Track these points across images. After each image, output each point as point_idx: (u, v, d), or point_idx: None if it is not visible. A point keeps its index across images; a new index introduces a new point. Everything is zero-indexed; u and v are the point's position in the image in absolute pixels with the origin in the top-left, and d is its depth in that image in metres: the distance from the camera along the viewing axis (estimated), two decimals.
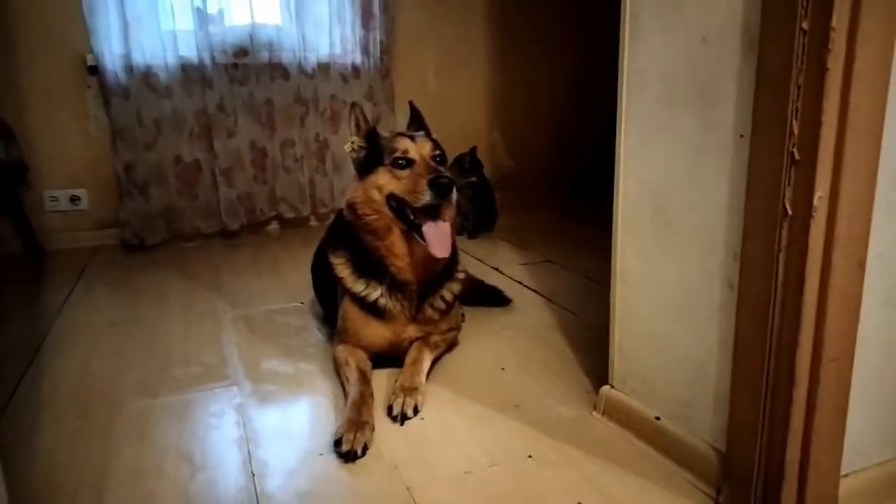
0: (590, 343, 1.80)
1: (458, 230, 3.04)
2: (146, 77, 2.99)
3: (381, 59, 3.43)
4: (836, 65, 0.94)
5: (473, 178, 3.00)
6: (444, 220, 1.51)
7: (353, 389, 1.47)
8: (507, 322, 2.05)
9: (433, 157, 1.56)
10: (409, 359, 1.59)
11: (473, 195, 3.04)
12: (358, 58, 3.39)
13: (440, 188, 1.45)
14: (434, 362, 1.67)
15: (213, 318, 2.13)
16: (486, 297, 2.17)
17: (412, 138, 1.60)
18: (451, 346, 1.79)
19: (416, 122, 1.75)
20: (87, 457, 1.35)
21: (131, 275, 2.69)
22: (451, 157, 2.97)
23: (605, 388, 1.45)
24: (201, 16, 3.05)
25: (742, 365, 1.11)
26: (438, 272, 1.64)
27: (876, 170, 1.00)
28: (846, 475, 1.10)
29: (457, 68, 3.73)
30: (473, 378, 1.66)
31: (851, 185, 0.98)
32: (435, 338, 1.68)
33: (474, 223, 3.08)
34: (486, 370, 1.71)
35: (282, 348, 1.87)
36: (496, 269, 2.61)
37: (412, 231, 1.53)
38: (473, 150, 3.12)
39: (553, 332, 1.95)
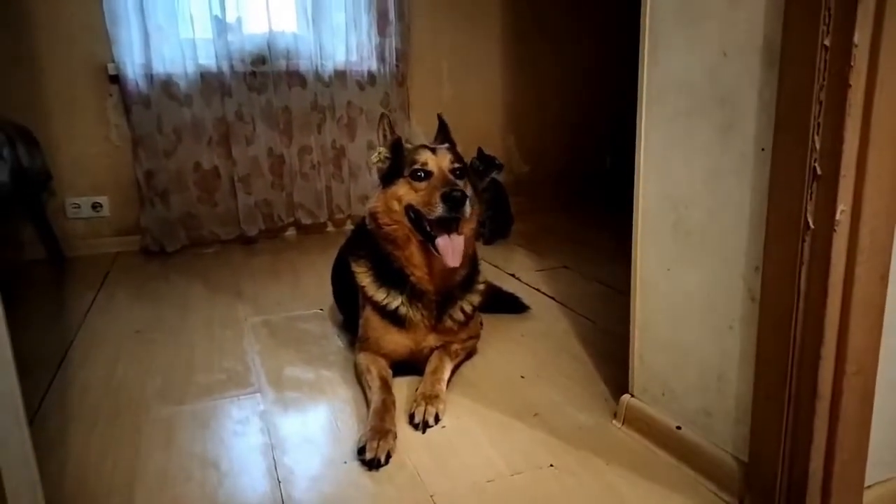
0: (608, 351, 1.81)
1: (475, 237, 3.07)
2: (166, 85, 3.04)
3: (397, 66, 3.46)
4: (858, 81, 0.95)
5: (494, 176, 3.01)
6: (461, 233, 1.53)
7: (376, 397, 1.49)
8: (526, 329, 2.06)
9: (452, 171, 1.58)
10: (429, 367, 1.61)
11: (490, 200, 3.05)
12: (374, 65, 3.42)
13: (452, 201, 1.47)
14: (454, 370, 1.69)
15: (235, 324, 2.16)
16: (505, 304, 2.18)
17: (433, 150, 1.62)
18: (471, 354, 1.80)
19: (443, 134, 1.77)
20: (116, 462, 1.38)
21: (152, 281, 2.73)
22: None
23: (626, 396, 1.47)
24: (220, 24, 3.09)
25: (764, 376, 1.12)
26: (458, 283, 1.66)
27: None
28: (869, 486, 1.11)
29: (471, 74, 3.75)
30: (493, 386, 1.68)
31: (874, 198, 0.99)
32: (455, 346, 1.69)
33: (490, 229, 3.09)
34: (506, 378, 1.73)
35: (303, 355, 1.89)
36: (513, 276, 2.62)
37: (428, 242, 1.55)
38: (479, 151, 3.12)
39: (571, 340, 1.97)
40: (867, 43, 0.94)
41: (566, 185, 4.04)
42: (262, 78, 3.20)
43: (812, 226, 1.01)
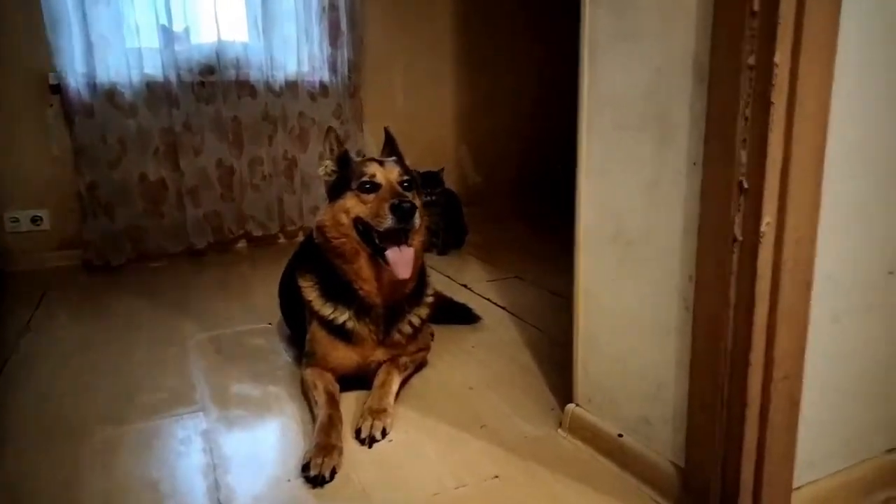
0: (557, 360, 1.83)
1: (427, 247, 3.07)
2: (110, 95, 2.96)
3: (350, 78, 3.45)
4: (779, 98, 0.99)
5: (432, 197, 3.01)
6: (410, 245, 1.53)
7: (321, 413, 1.47)
8: (476, 340, 2.07)
9: (400, 183, 1.58)
10: (377, 381, 1.60)
11: (442, 212, 3.07)
12: (326, 76, 3.40)
13: (401, 213, 1.47)
14: (403, 383, 1.69)
15: (180, 341, 2.11)
16: (456, 315, 2.19)
17: (381, 163, 1.62)
18: (420, 366, 1.80)
19: (390, 147, 1.77)
20: (51, 488, 1.33)
21: (95, 296, 2.64)
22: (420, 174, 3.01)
23: (570, 406, 1.49)
24: (167, 34, 3.03)
25: (698, 384, 1.15)
26: (406, 296, 1.66)
27: (820, 196, 1.06)
28: (798, 487, 1.15)
29: (424, 85, 3.77)
30: (442, 398, 1.68)
31: (797, 211, 1.03)
32: (403, 359, 1.69)
33: (444, 240, 3.10)
34: (455, 390, 1.73)
35: (250, 371, 1.86)
36: (465, 286, 2.63)
37: (377, 255, 1.55)
38: (440, 171, 3.12)
39: (520, 350, 1.98)
40: (787, 62, 0.98)
41: (519, 195, 4.08)
42: (211, 88, 3.15)
43: (740, 237, 1.05)
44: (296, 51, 3.30)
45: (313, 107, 3.37)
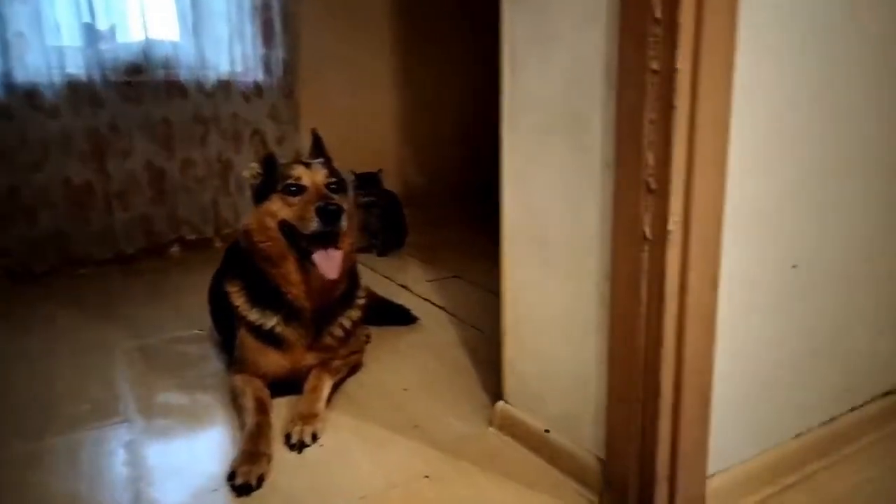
0: (492, 359, 1.84)
1: (367, 248, 3.06)
2: (30, 96, 2.83)
3: (285, 78, 3.40)
4: (682, 102, 1.03)
5: (372, 198, 3.01)
6: (338, 248, 1.52)
7: (250, 420, 1.45)
8: (413, 341, 2.08)
9: (327, 185, 1.57)
10: (308, 386, 1.59)
11: (381, 212, 3.06)
12: (260, 76, 3.34)
13: (327, 215, 1.46)
14: (336, 387, 1.68)
15: (106, 350, 2.04)
16: (393, 316, 2.19)
17: (308, 165, 1.61)
18: (355, 368, 1.80)
19: (318, 149, 1.75)
20: None
21: (16, 306, 2.52)
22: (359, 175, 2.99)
23: (500, 403, 1.51)
24: (90, 32, 2.92)
25: (616, 379, 1.19)
26: (337, 299, 1.65)
27: (724, 195, 1.10)
28: (712, 475, 1.20)
29: (364, 86, 3.75)
30: (376, 400, 1.68)
31: (702, 210, 1.08)
32: (336, 363, 1.68)
33: (384, 241, 3.09)
34: (389, 392, 1.73)
35: (178, 380, 1.81)
36: (404, 287, 2.63)
37: (304, 258, 1.53)
38: (378, 172, 3.11)
39: (457, 350, 2.00)
40: (688, 68, 1.02)
41: (462, 196, 4.11)
42: (139, 88, 3.04)
43: (649, 236, 1.09)
44: (228, 50, 3.23)
45: (247, 108, 3.30)
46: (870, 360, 1.44)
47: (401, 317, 2.20)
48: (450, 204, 4.04)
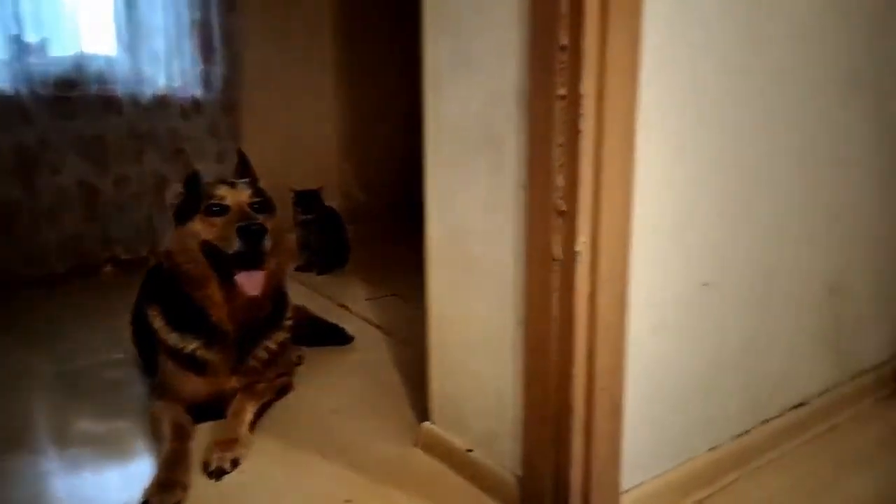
0: (423, 378, 1.85)
1: (307, 267, 3.03)
2: None
3: (225, 94, 3.36)
4: (588, 126, 1.06)
5: (311, 216, 2.99)
6: (263, 269, 1.50)
7: (166, 447, 1.41)
8: (346, 361, 2.06)
9: (251, 205, 1.56)
10: (230, 411, 1.55)
11: (322, 231, 3.04)
12: (199, 92, 3.29)
13: (249, 235, 1.45)
14: (263, 411, 1.64)
15: (28, 375, 1.95)
16: (327, 336, 2.17)
17: (232, 185, 1.59)
18: (284, 391, 1.76)
19: (243, 168, 1.73)
20: None
21: None
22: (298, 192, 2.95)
23: (425, 423, 1.51)
24: (18, 44, 2.83)
25: (531, 397, 1.20)
26: (262, 320, 1.63)
27: (631, 215, 1.13)
28: (627, 490, 1.22)
29: (307, 102, 3.73)
30: (303, 424, 1.65)
31: (610, 230, 1.11)
32: (261, 386, 1.65)
33: (324, 259, 3.07)
34: (318, 414, 1.70)
35: (98, 406, 1.75)
36: (343, 306, 2.61)
37: (227, 279, 1.51)
38: (318, 190, 3.09)
39: (390, 369, 1.99)
40: (593, 93, 1.06)
41: (404, 213, 4.10)
42: (71, 103, 2.96)
43: (559, 257, 1.11)
44: (165, 65, 3.17)
45: (186, 124, 3.24)
46: (781, 374, 1.49)
47: (336, 336, 2.18)
48: (393, 221, 4.04)
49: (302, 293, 2.58)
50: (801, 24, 1.35)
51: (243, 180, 1.63)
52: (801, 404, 1.54)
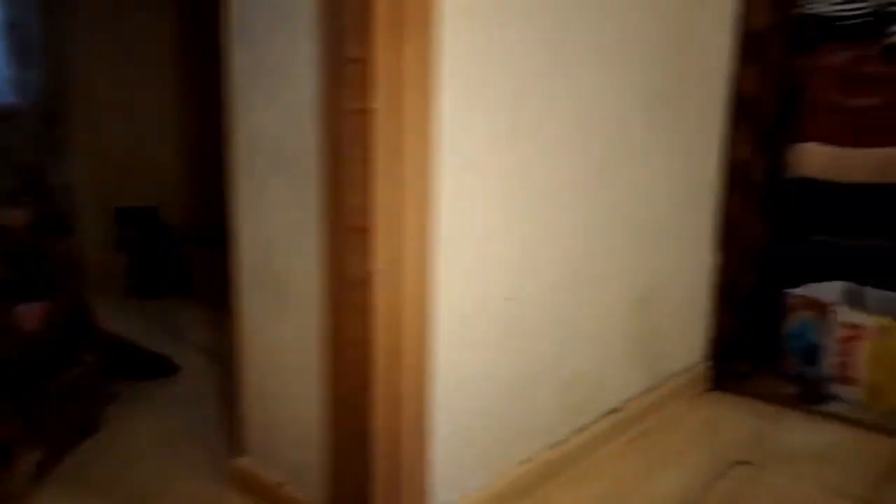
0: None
1: (133, 292, 2.78)
2: None
3: (45, 102, 3.04)
4: (382, 141, 1.03)
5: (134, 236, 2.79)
6: (41, 297, 1.34)
7: None
8: (167, 394, 1.89)
9: (31, 227, 1.39)
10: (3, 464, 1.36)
11: (152, 252, 2.82)
12: (13, 100, 2.96)
13: (17, 261, 1.29)
14: (57, 458, 1.46)
15: None
16: (147, 367, 1.99)
17: (11, 206, 1.41)
18: (84, 434, 1.58)
19: (28, 188, 1.55)
20: None
21: None
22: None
23: (239, 458, 1.40)
24: None
25: (336, 425, 1.15)
26: (48, 355, 1.45)
27: (432, 233, 1.12)
28: None
29: (146, 112, 3.47)
30: (101, 469, 1.48)
31: (410, 248, 1.08)
32: (50, 429, 1.46)
33: (156, 283, 2.84)
34: (123, 456, 1.54)
35: None
36: (175, 334, 2.42)
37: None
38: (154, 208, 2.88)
39: (214, 400, 1.85)
40: (387, 107, 1.03)
41: None
42: None
43: (357, 276, 1.07)
44: None
45: None
46: (595, 382, 1.55)
47: (158, 367, 2.00)
48: None
49: (129, 320, 2.37)
50: (603, 49, 1.41)
51: (25, 200, 1.46)
52: (615, 410, 1.61)
